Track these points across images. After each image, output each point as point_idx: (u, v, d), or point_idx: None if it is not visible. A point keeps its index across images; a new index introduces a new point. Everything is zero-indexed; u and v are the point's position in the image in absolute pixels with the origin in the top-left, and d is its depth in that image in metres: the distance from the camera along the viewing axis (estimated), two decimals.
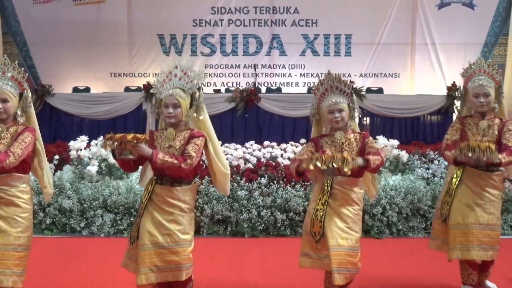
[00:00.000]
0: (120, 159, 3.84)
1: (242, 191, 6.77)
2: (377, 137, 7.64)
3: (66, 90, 13.07)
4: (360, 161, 4.00)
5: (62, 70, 14.02)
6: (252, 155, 7.72)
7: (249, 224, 6.62)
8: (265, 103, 11.76)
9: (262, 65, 14.46)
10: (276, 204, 6.69)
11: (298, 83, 14.58)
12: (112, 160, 7.18)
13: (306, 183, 6.93)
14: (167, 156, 3.87)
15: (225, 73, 14.51)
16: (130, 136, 3.69)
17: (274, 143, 8.34)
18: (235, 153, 7.67)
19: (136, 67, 14.60)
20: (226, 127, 11.57)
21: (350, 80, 11.42)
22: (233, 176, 7.01)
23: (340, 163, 3.81)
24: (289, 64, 14.66)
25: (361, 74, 14.35)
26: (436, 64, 14.41)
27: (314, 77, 14.34)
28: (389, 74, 14.54)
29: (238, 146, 8.11)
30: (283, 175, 7.09)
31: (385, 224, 6.65)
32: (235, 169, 7.22)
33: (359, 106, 4.53)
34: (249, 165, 7.41)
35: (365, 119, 12.07)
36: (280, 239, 6.55)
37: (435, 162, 7.62)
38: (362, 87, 12.38)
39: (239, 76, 14.58)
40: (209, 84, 14.06)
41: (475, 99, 4.53)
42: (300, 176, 4.27)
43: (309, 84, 14.07)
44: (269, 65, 14.69)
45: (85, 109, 11.99)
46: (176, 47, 14.52)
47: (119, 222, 6.67)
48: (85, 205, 6.76)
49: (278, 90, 13.57)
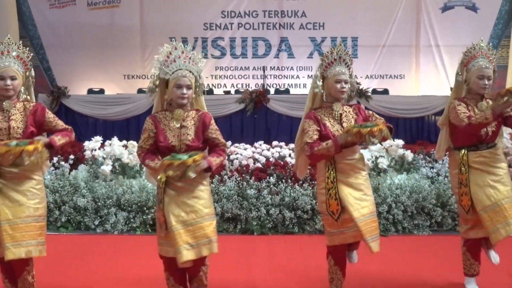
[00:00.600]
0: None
1: (252, 190, 6.75)
2: None
3: (81, 92, 13.14)
4: (386, 130, 4.02)
5: (77, 73, 14.09)
6: (261, 154, 7.70)
7: (258, 222, 6.60)
8: (273, 104, 11.76)
9: (270, 67, 14.49)
10: (284, 203, 6.67)
11: (305, 84, 14.58)
12: (125, 159, 7.21)
13: (313, 182, 6.90)
14: (215, 158, 3.94)
15: (235, 75, 14.53)
16: (190, 160, 3.64)
17: (282, 143, 8.31)
18: (245, 152, 7.65)
19: (149, 69, 14.59)
20: (236, 127, 11.60)
21: (357, 81, 11.37)
22: (243, 175, 7.01)
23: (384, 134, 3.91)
24: (297, 66, 14.69)
25: (367, 75, 14.34)
26: (440, 66, 14.40)
27: None
28: (394, 75, 14.53)
29: (248, 146, 8.09)
30: (291, 174, 7.06)
31: (390, 222, 6.62)
32: (244, 168, 7.20)
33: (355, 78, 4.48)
34: (258, 165, 7.39)
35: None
36: (288, 236, 6.53)
37: (440, 161, 7.57)
38: (368, 88, 12.36)
39: (249, 78, 14.61)
40: (219, 86, 14.10)
41: (480, 81, 4.45)
42: (341, 149, 4.07)
43: None
44: (278, 67, 14.72)
45: (100, 110, 12.04)
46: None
47: (132, 220, 6.67)
48: (99, 204, 6.76)
49: (286, 91, 13.57)
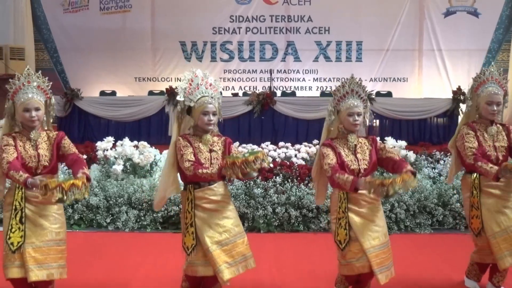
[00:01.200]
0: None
1: (258, 189, 6.75)
2: (385, 138, 7.60)
3: (93, 94, 13.18)
4: (413, 179, 3.80)
5: (90, 75, 14.14)
6: (267, 155, 7.71)
7: (264, 220, 6.60)
8: (280, 106, 11.78)
9: (277, 70, 14.49)
10: (290, 202, 6.67)
11: (311, 87, 14.61)
12: (136, 159, 7.23)
13: None
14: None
15: (242, 78, 14.55)
16: (252, 157, 3.61)
17: (288, 144, 8.32)
18: None
19: (159, 72, 14.70)
20: (243, 128, 11.61)
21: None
22: None
23: (403, 186, 3.66)
24: (303, 69, 14.69)
25: (371, 78, 14.32)
26: (442, 69, 14.38)
27: (326, 81, 14.39)
28: (398, 78, 14.51)
29: (255, 146, 8.09)
30: (297, 174, 7.06)
31: (393, 221, 6.61)
32: None
33: (369, 109, 4.39)
34: None
35: (374, 121, 12.04)
36: (293, 234, 6.53)
37: (441, 162, 7.55)
38: (372, 91, 12.36)
39: (256, 81, 14.62)
40: (227, 88, 14.12)
41: (488, 107, 4.33)
42: (356, 191, 3.94)
43: (322, 88, 14.09)
44: (284, 70, 14.73)
45: (112, 111, 12.09)
46: (197, 53, 14.59)
47: (142, 218, 6.68)
48: (111, 202, 6.77)
49: (293, 94, 13.57)
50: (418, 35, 14.50)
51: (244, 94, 12.89)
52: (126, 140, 7.65)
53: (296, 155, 7.76)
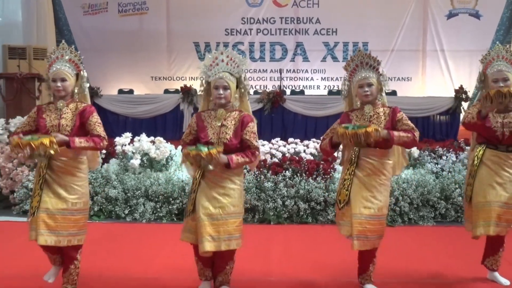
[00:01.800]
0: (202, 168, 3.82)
1: (269, 183, 6.76)
2: None
3: (112, 92, 13.21)
4: (385, 133, 3.91)
5: (108, 74, 14.15)
6: (277, 150, 7.71)
7: (274, 212, 6.61)
8: (289, 104, 11.76)
9: (287, 70, 14.47)
10: (299, 195, 6.68)
11: (319, 86, 14.58)
12: (153, 154, 7.28)
13: (326, 176, 6.91)
14: (239, 157, 3.88)
15: (253, 77, 14.51)
16: (204, 153, 3.64)
17: (297, 140, 8.31)
18: (263, 148, 7.66)
19: (174, 72, 14.73)
20: None
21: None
22: (260, 169, 7.02)
23: (363, 137, 3.74)
24: (311, 69, 14.67)
25: None
26: (445, 69, 14.31)
27: (334, 80, 14.37)
28: (402, 78, 14.44)
29: (265, 142, 8.09)
30: (306, 168, 7.07)
31: (397, 214, 6.60)
32: (262, 163, 7.20)
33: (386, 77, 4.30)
34: (275, 160, 7.39)
35: None
36: (302, 226, 6.54)
37: (444, 157, 7.53)
38: None
39: (266, 80, 14.60)
40: None
41: (494, 84, 4.26)
42: (334, 149, 4.17)
43: (330, 87, 14.05)
44: (293, 70, 14.71)
45: (129, 109, 12.11)
46: (210, 53, 14.56)
47: (159, 209, 6.71)
48: (128, 194, 6.81)
49: (301, 92, 13.53)
50: (422, 36, 14.43)
51: (255, 92, 12.86)
52: (143, 135, 7.68)
53: (304, 151, 7.76)
